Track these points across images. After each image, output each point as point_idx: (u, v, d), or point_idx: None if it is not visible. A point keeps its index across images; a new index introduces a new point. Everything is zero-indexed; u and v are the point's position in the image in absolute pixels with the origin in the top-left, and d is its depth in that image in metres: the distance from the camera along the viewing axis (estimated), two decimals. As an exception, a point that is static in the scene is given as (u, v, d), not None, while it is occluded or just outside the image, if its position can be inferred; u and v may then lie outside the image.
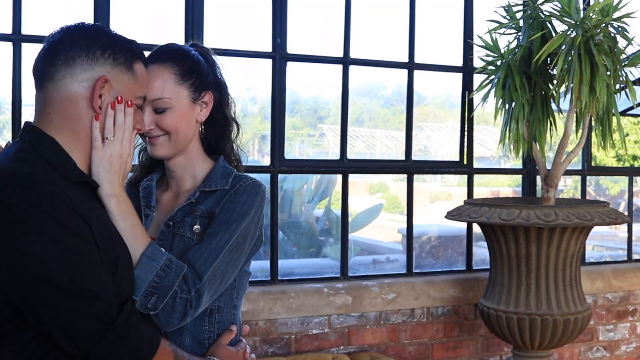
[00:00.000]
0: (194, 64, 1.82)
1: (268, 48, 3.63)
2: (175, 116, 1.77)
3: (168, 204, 1.86)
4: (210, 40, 3.49)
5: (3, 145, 1.62)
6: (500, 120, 3.56)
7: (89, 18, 3.24)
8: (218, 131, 1.91)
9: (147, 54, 1.76)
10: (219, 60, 1.95)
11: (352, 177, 3.88)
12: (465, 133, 4.10)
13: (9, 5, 3.12)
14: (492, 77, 3.53)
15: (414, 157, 3.98)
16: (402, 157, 4.01)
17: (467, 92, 4.07)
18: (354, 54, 3.80)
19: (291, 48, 3.65)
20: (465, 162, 4.13)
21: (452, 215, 3.50)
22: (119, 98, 1.56)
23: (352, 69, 3.82)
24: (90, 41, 1.53)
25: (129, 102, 1.58)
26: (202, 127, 1.89)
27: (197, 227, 1.75)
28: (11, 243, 1.33)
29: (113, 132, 1.56)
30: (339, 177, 3.90)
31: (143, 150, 1.94)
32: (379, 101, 5.91)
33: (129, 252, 1.55)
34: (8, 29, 3.12)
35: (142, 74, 1.63)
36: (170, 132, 1.77)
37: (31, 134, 1.51)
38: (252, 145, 5.19)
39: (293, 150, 5.72)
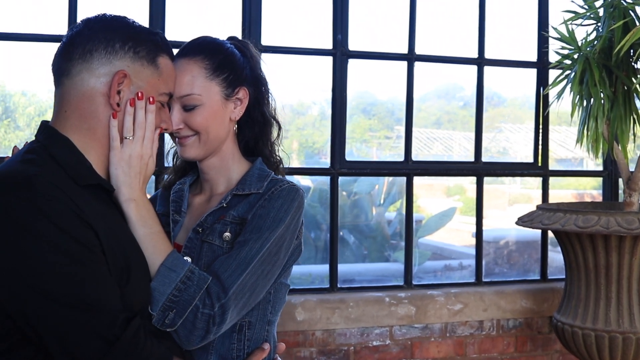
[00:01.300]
0: (227, 58, 1.68)
1: (329, 45, 3.49)
2: (206, 114, 1.63)
3: (199, 209, 1.73)
4: (268, 38, 3.39)
5: (20, 147, 1.53)
6: (577, 118, 3.31)
7: (144, 17, 3.19)
8: (256, 131, 1.76)
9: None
10: (259, 54, 1.80)
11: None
12: (540, 132, 3.84)
13: (64, 6, 3.10)
14: (569, 71, 3.32)
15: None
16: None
17: (541, 89, 3.82)
18: (419, 50, 3.61)
19: (353, 45, 3.50)
20: (540, 163, 3.87)
21: (523, 221, 3.26)
22: (140, 94, 1.44)
23: (426, 68, 3.65)
24: (109, 33, 1.42)
25: (151, 99, 1.46)
26: (236, 126, 1.75)
27: (227, 234, 1.60)
28: (8, 249, 1.22)
29: (132, 131, 1.44)
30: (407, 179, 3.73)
31: (176, 152, 1.81)
32: (457, 103, 5.75)
33: (145, 262, 1.43)
34: (64, 31, 3.09)
35: (168, 69, 1.50)
36: (200, 131, 1.63)
37: (45, 134, 1.41)
38: (328, 148, 5.12)
39: (370, 153, 5.60)
